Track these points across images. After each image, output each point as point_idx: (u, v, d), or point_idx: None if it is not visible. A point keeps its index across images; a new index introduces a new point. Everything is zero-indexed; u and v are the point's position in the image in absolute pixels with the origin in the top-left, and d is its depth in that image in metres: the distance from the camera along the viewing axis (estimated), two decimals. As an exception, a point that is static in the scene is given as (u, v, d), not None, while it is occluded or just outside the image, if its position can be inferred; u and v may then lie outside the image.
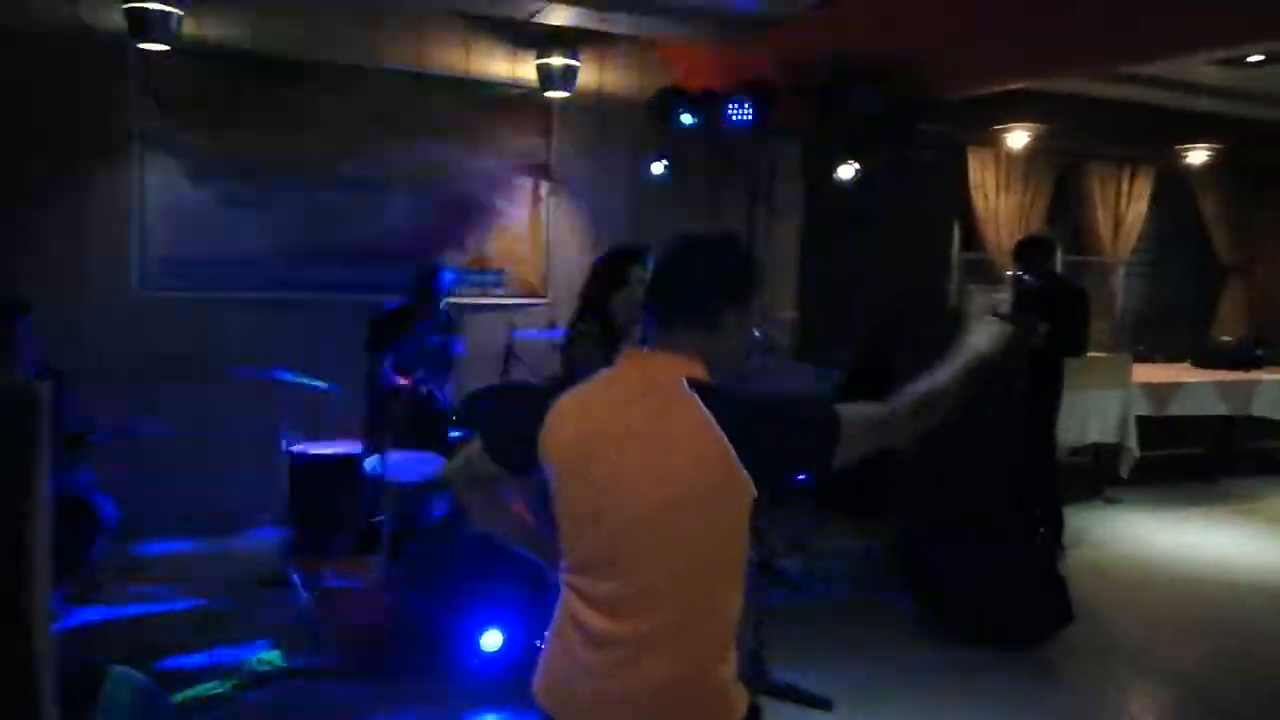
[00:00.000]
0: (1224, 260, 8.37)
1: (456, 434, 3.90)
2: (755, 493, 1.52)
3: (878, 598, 4.39)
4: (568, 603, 1.60)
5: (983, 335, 1.79)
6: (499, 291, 5.77)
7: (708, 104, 5.27)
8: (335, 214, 5.32)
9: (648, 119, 5.41)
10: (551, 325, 4.83)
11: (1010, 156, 7.26)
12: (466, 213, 5.65)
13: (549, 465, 1.58)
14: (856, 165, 4.94)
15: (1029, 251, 5.26)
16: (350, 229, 5.35)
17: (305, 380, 4.13)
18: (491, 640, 3.26)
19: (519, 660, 3.05)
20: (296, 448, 4.42)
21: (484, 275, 5.74)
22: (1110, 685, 3.76)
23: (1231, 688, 3.75)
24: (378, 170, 5.38)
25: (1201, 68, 5.93)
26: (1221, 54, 5.47)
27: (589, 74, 5.78)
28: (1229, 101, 6.88)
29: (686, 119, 5.26)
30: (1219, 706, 3.63)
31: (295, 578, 4.06)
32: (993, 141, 7.07)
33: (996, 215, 7.40)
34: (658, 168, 5.43)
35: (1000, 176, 7.37)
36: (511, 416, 1.68)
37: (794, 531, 5.16)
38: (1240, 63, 5.71)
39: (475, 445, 1.71)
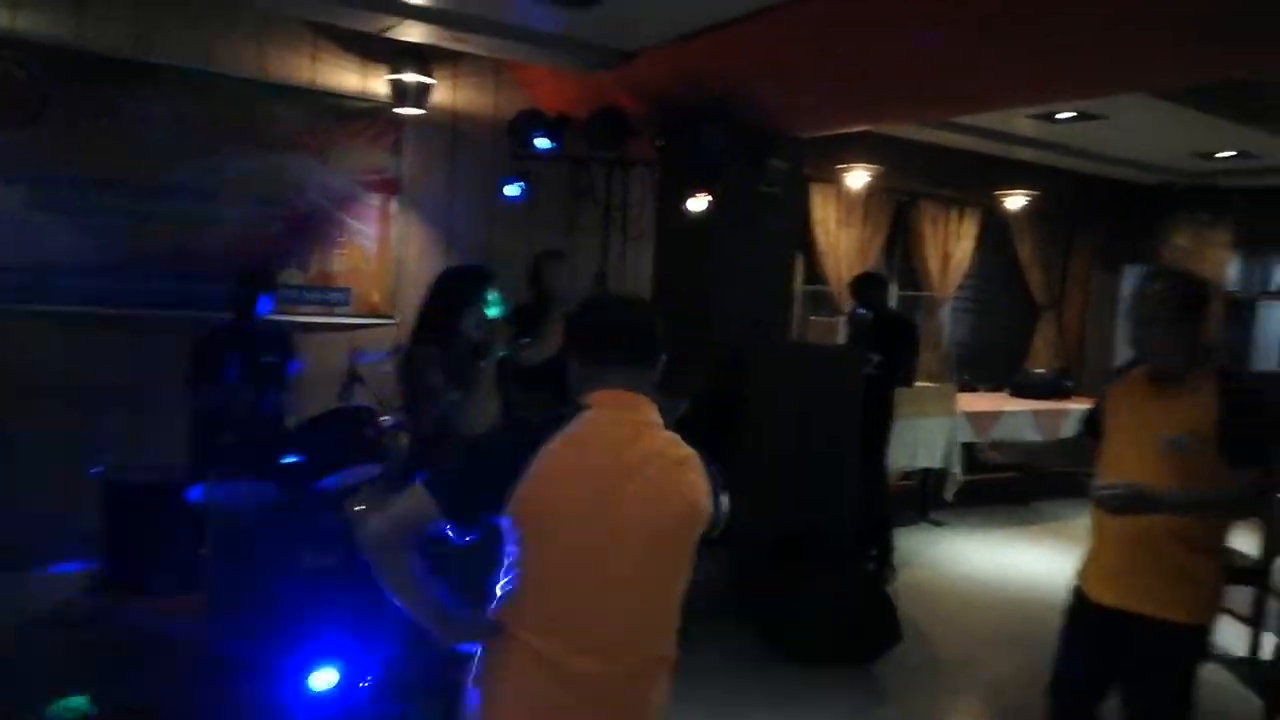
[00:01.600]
0: (1038, 299, 9.08)
1: (290, 459, 3.71)
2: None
3: (718, 626, 4.47)
4: (530, 655, 1.64)
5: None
6: (342, 311, 5.57)
7: (564, 128, 5.29)
8: (165, 224, 4.99)
9: (504, 140, 5.38)
10: (398, 347, 4.69)
11: (851, 194, 7.64)
12: (310, 228, 5.43)
13: (533, 513, 1.62)
14: (707, 197, 5.07)
15: (863, 286, 5.56)
16: (182, 241, 5.03)
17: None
18: (323, 679, 3.11)
19: (352, 700, 2.93)
20: (112, 474, 4.10)
21: (327, 293, 5.53)
22: (935, 698, 3.97)
23: (1039, 701, 4.03)
24: (214, 180, 5.10)
25: (1019, 120, 6.45)
26: (1036, 110, 5.99)
27: (443, 92, 5.70)
28: (1043, 152, 7.51)
29: (543, 143, 5.26)
30: (1031, 715, 3.89)
31: (107, 615, 3.75)
32: (835, 179, 7.43)
33: (837, 249, 7.77)
34: (512, 190, 5.39)
35: (841, 213, 7.75)
36: (482, 463, 1.70)
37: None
38: (1051, 118, 6.24)
39: (419, 501, 1.65)
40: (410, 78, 5.33)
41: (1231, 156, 7.31)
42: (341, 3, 4.38)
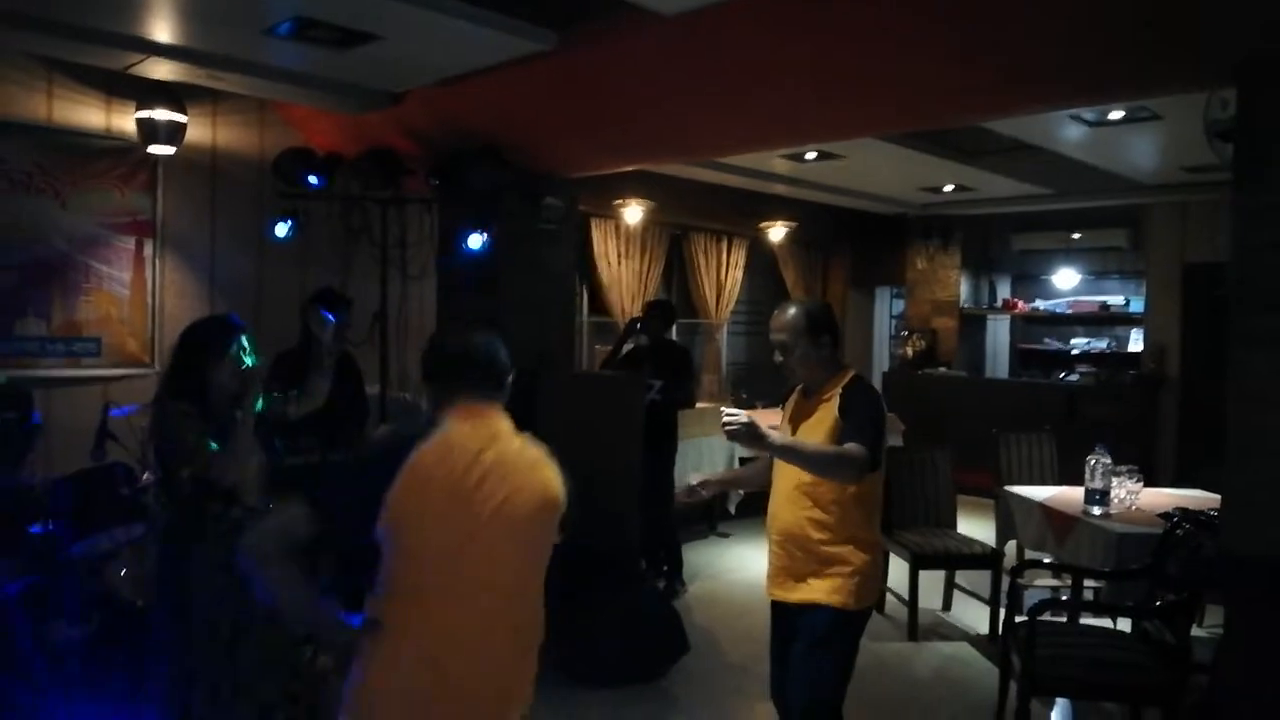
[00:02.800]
0: (804, 320, 9.80)
1: (38, 529, 3.41)
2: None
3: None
4: (420, 631, 1.87)
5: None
6: (92, 362, 5.16)
7: (335, 167, 5.20)
8: None
9: (269, 179, 5.21)
10: (156, 398, 4.41)
11: (628, 228, 7.98)
12: (50, 275, 5.00)
13: (401, 518, 1.83)
14: (484, 234, 5.15)
15: (649, 313, 5.82)
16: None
17: None
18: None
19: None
20: None
21: (73, 344, 5.10)
22: (722, 703, 4.19)
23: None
24: (-66, 224, 4.61)
25: (774, 160, 7.01)
26: (784, 151, 6.54)
27: (200, 129, 5.44)
28: (796, 188, 8.18)
29: (313, 180, 5.14)
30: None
31: None
32: (612, 214, 7.74)
33: (619, 281, 8.08)
34: (281, 229, 5.22)
35: (620, 245, 8.07)
36: (362, 483, 1.90)
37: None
38: (800, 158, 6.84)
39: (292, 513, 1.83)
40: (161, 115, 5.05)
41: (952, 190, 8.28)
42: (78, 39, 4.09)
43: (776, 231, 8.88)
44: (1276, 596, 2.76)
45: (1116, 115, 5.29)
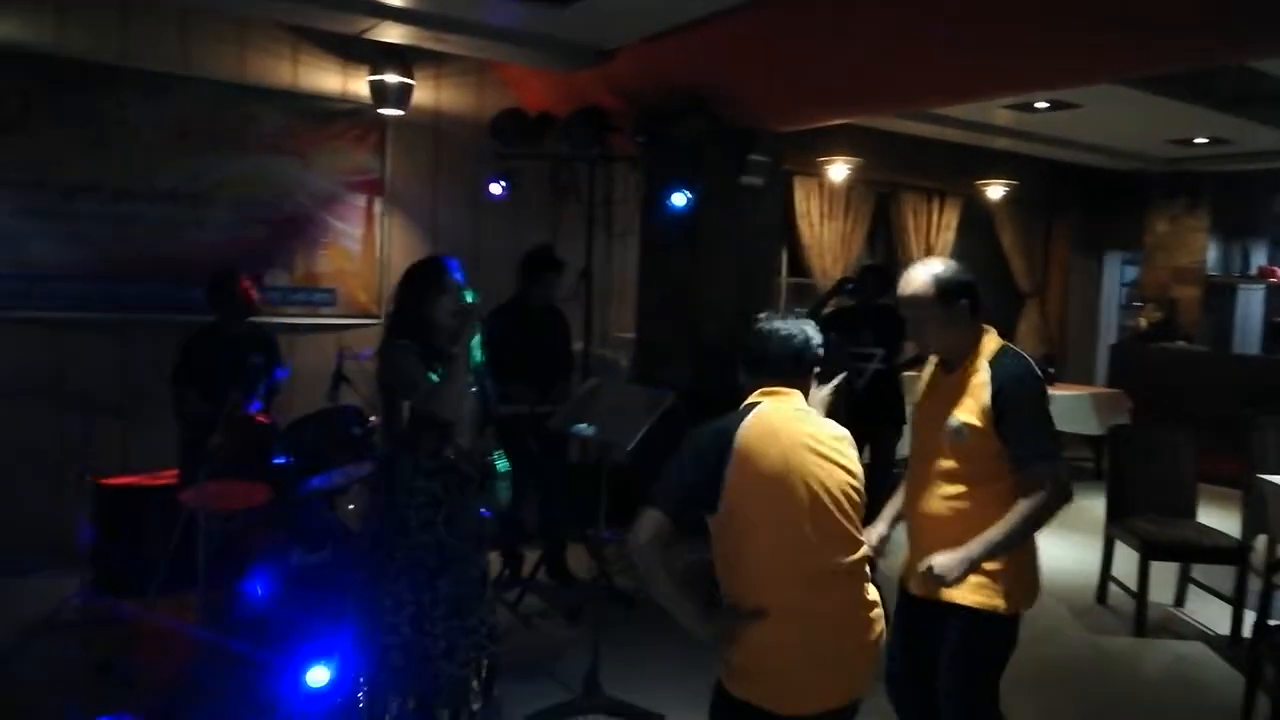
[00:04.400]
0: (1021, 287, 9.16)
1: (280, 461, 3.73)
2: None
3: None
4: (787, 604, 2.04)
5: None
6: (329, 311, 5.59)
7: (546, 127, 5.32)
8: (148, 228, 5.00)
9: (487, 139, 5.40)
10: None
11: (832, 186, 7.71)
12: (294, 230, 5.45)
13: (746, 498, 2.03)
14: (688, 192, 5.11)
15: (862, 275, 5.53)
16: (164, 245, 5.04)
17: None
18: (318, 676, 3.14)
19: (347, 696, 2.95)
20: (101, 478, 4.11)
21: (312, 294, 5.54)
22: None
23: (1032, 684, 4.08)
24: (196, 183, 5.10)
25: (997, 111, 6.52)
26: (1012, 100, 6.05)
27: (425, 92, 5.71)
28: (1020, 142, 7.58)
29: (525, 141, 5.28)
30: (1019, 699, 3.94)
31: (101, 618, 3.76)
32: (816, 172, 7.49)
33: (820, 242, 7.83)
34: (496, 188, 5.42)
35: (823, 205, 7.81)
36: (690, 470, 2.09)
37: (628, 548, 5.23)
38: (1029, 108, 6.31)
39: (654, 514, 2.05)
40: (391, 78, 5.34)
41: (1205, 143, 7.40)
42: (319, 5, 4.39)
43: (994, 190, 8.30)
44: None
45: None
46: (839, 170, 7.41)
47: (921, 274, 2.49)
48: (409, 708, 2.81)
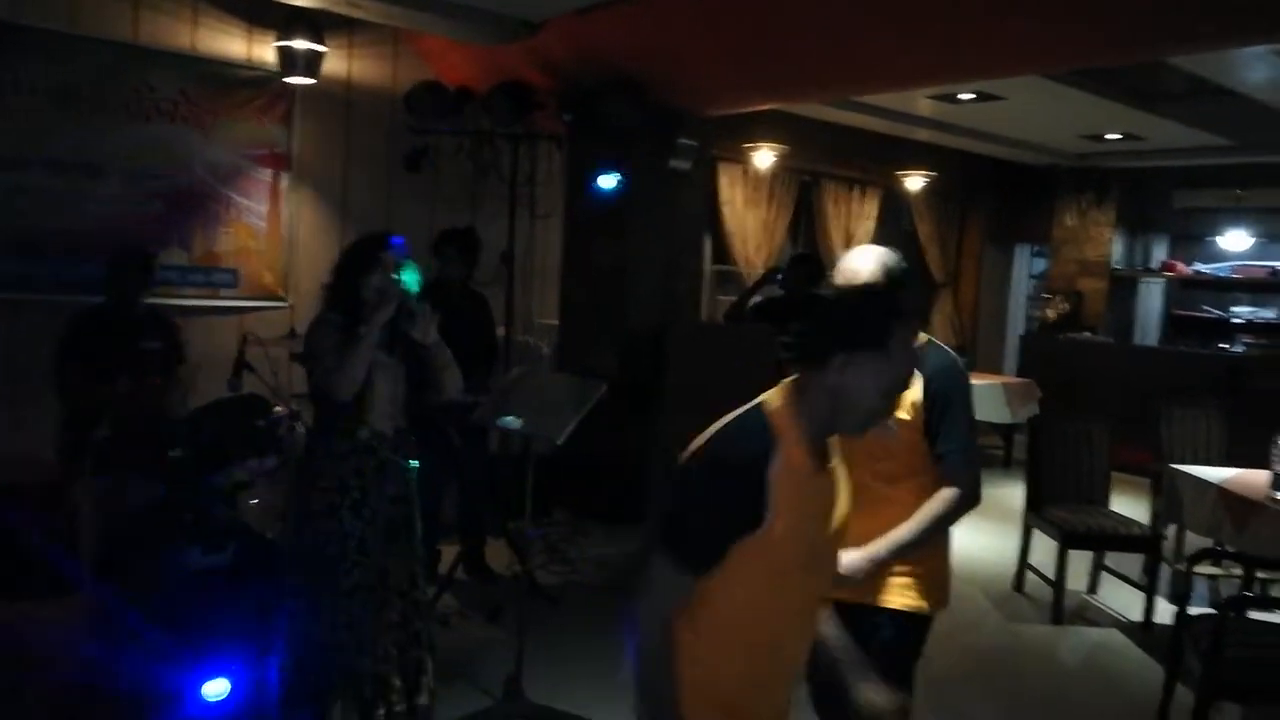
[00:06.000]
0: (936, 276, 9.31)
1: (177, 454, 3.45)
2: None
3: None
4: (783, 630, 1.69)
5: None
6: (230, 293, 5.24)
7: (466, 102, 5.08)
8: (32, 200, 4.58)
9: (402, 112, 5.13)
10: (291, 331, 4.43)
11: (757, 174, 7.65)
12: (193, 205, 5.08)
13: (788, 519, 1.56)
14: (616, 174, 4.95)
15: (792, 265, 5.48)
16: (50, 219, 4.63)
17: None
18: (216, 689, 2.90)
19: (248, 708, 2.73)
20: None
21: (212, 274, 5.19)
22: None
23: (953, 672, 4.10)
24: (85, 153, 4.70)
25: (920, 101, 6.54)
26: (936, 91, 6.08)
27: (336, 61, 5.40)
28: (940, 133, 7.65)
29: (442, 117, 5.04)
30: (941, 687, 3.95)
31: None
32: (741, 158, 7.42)
33: (744, 229, 7.77)
34: (412, 165, 5.15)
35: (748, 192, 7.75)
36: (717, 491, 1.58)
37: (553, 541, 5.08)
38: (953, 99, 6.35)
39: (665, 567, 1.57)
40: (300, 45, 5.02)
41: (1117, 139, 7.60)
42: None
43: (914, 181, 8.38)
44: None
45: (1335, 52, 4.65)
46: (764, 157, 7.36)
47: (870, 263, 2.34)
48: (313, 710, 2.64)
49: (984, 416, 7.63)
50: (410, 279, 2.73)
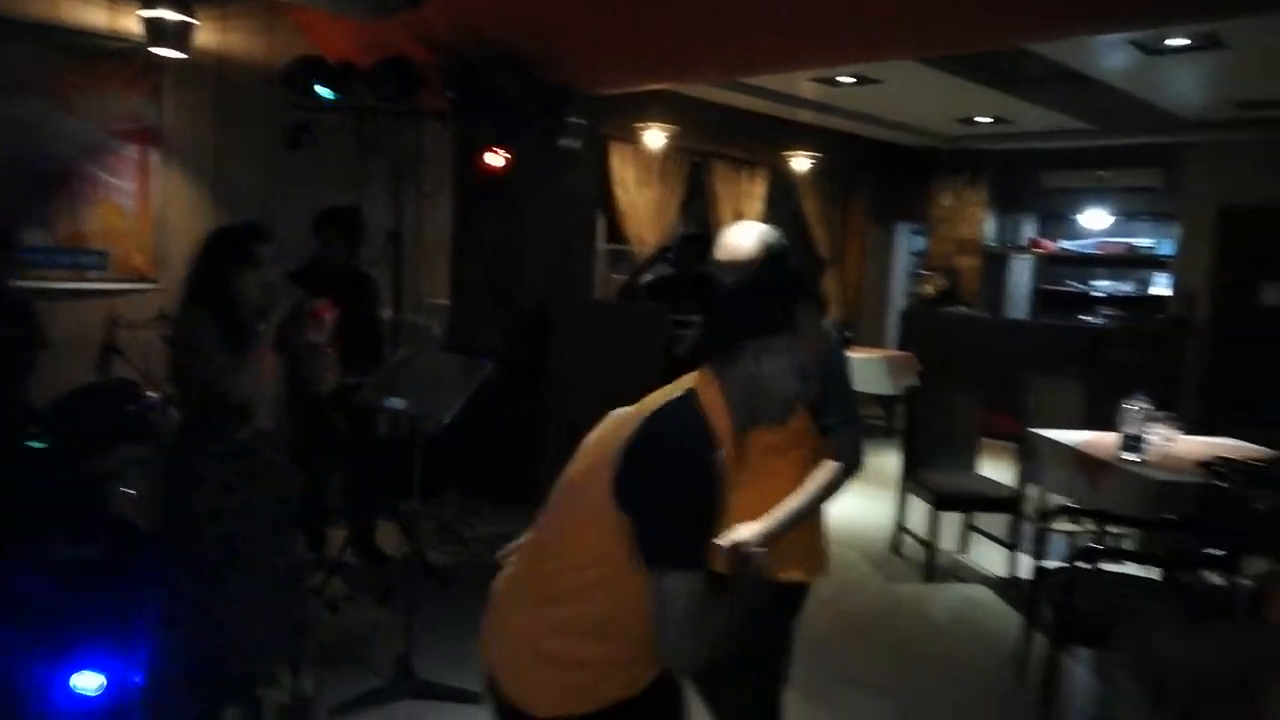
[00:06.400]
0: (822, 254, 9.59)
1: (37, 445, 3.29)
2: None
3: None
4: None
5: None
6: (98, 275, 5.00)
7: (348, 77, 4.96)
8: None
9: (279, 88, 4.97)
10: (163, 313, 4.26)
11: (649, 153, 7.71)
12: (55, 183, 4.81)
13: None
14: (504, 152, 4.93)
15: (682, 242, 5.54)
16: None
17: None
18: (87, 682, 2.80)
19: (121, 702, 2.66)
20: None
21: (79, 256, 4.94)
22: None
23: (837, 633, 4.30)
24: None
25: (803, 84, 6.71)
26: (816, 73, 6.25)
27: (208, 34, 5.18)
28: (823, 116, 7.87)
29: (325, 92, 4.91)
30: (826, 648, 4.13)
31: None
32: (633, 138, 7.47)
33: (637, 209, 7.84)
34: (292, 142, 5.00)
35: (640, 171, 7.81)
36: (704, 492, 1.53)
37: (444, 520, 5.07)
38: (834, 82, 6.54)
39: (690, 578, 1.51)
40: (168, 15, 4.79)
41: (989, 122, 7.97)
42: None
43: (799, 161, 8.60)
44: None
45: (1177, 41, 4.99)
46: (655, 137, 7.43)
47: (749, 238, 2.40)
48: (195, 710, 2.58)
49: (867, 388, 7.94)
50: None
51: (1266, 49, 3.83)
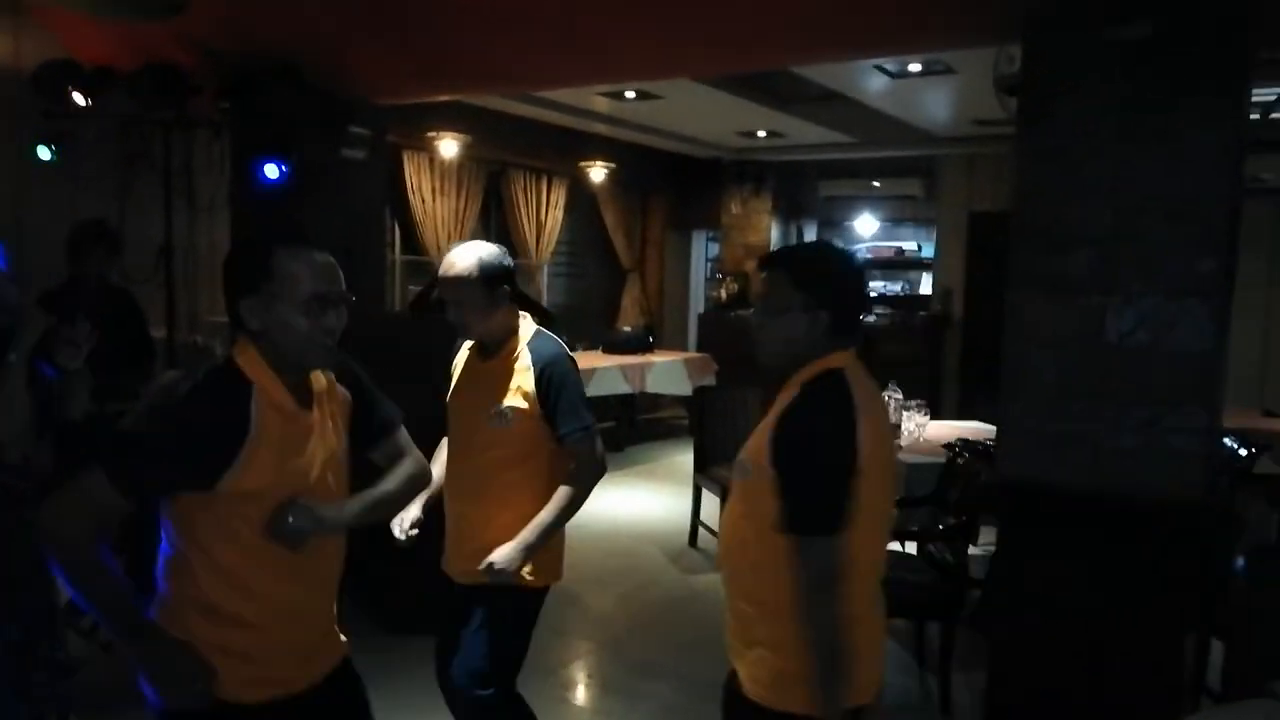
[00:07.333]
0: (623, 262, 9.87)
1: None
2: None
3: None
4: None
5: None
6: None
7: (107, 83, 4.67)
8: None
9: (29, 94, 4.61)
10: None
11: (444, 162, 7.68)
12: None
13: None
14: (281, 164, 4.79)
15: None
16: None
17: None
18: None
19: None
20: None
21: None
22: (549, 638, 4.22)
23: (636, 627, 4.48)
24: None
25: (594, 98, 6.92)
26: (604, 88, 6.47)
27: (-62, 32, 4.72)
28: (617, 128, 8.13)
29: (79, 99, 4.59)
30: (632, 640, 4.31)
31: None
32: (426, 146, 7.41)
33: (434, 218, 7.79)
34: (44, 153, 4.65)
35: (435, 180, 7.76)
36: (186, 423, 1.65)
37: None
38: (620, 97, 6.78)
39: (92, 482, 1.62)
40: (-114, 11, 4.34)
41: (765, 136, 8.50)
42: None
43: (597, 172, 8.83)
44: (1039, 517, 3.05)
45: (915, 68, 5.57)
46: (449, 146, 7.41)
47: (466, 257, 2.46)
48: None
49: (667, 390, 8.29)
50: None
51: (984, 75, 4.37)
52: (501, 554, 2.39)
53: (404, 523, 2.53)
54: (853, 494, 1.72)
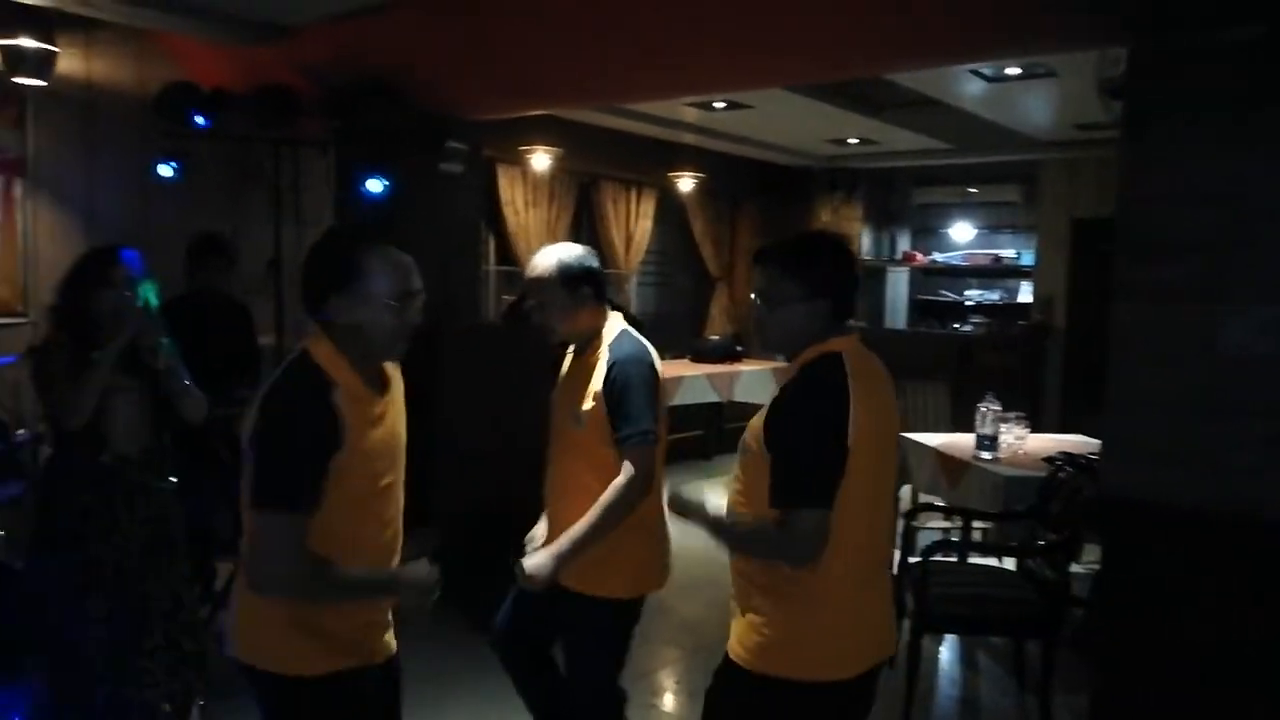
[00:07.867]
0: (711, 271, 9.87)
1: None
2: None
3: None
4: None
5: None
6: (-39, 310, 4.82)
7: (222, 104, 4.93)
8: None
9: (151, 115, 4.90)
10: (31, 348, 4.15)
11: (536, 175, 7.83)
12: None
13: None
14: (383, 179, 4.97)
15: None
16: None
17: None
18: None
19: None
20: None
21: (-64, 291, 4.76)
22: (639, 646, 4.25)
23: (725, 635, 4.46)
24: None
25: (682, 108, 6.96)
26: (692, 99, 6.50)
27: (72, 61, 5.07)
28: (706, 138, 8.15)
29: (199, 119, 4.87)
30: (715, 650, 4.29)
31: None
32: (519, 160, 7.58)
33: (527, 229, 7.94)
34: (165, 170, 4.94)
35: (528, 193, 7.92)
36: (297, 437, 1.76)
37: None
38: (709, 107, 6.80)
39: (292, 525, 1.74)
40: (28, 44, 4.68)
41: (857, 143, 8.39)
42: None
43: (685, 182, 8.86)
44: (1147, 535, 2.93)
45: (1014, 71, 5.42)
46: (541, 160, 7.55)
47: (547, 258, 2.50)
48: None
49: (755, 399, 8.22)
50: (149, 296, 2.65)
51: (1086, 78, 4.24)
52: (532, 562, 2.37)
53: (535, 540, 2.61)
54: (841, 471, 1.82)
